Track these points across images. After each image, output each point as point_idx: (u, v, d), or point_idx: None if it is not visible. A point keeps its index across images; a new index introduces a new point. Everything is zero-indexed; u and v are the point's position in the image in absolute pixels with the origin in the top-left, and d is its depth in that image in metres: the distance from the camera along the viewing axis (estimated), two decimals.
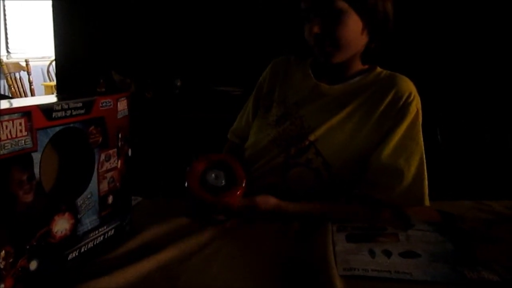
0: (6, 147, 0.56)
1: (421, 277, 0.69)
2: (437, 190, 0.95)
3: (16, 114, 0.58)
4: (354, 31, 0.95)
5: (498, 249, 0.79)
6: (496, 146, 1.86)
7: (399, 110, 0.95)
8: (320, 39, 0.95)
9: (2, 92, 4.67)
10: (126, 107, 0.80)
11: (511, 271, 0.69)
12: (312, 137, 0.98)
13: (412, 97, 0.96)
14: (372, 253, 0.76)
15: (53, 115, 0.64)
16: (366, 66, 1.04)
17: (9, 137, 0.57)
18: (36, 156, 0.61)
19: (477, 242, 0.81)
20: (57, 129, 0.64)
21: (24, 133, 0.59)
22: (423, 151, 0.95)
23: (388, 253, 0.77)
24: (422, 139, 0.96)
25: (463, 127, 1.90)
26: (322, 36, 0.94)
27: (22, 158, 0.59)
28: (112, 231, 0.79)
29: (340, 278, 0.68)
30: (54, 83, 4.33)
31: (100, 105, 0.73)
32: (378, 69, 1.04)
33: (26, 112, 0.59)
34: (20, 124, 0.58)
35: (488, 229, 0.88)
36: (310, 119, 1.01)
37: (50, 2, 2.71)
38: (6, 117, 0.56)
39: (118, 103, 0.77)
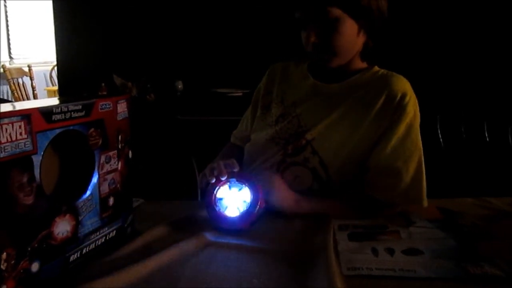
0: (6, 150, 0.57)
1: (425, 274, 0.68)
2: (438, 188, 0.95)
3: (15, 117, 0.58)
4: (350, 36, 0.94)
5: (499, 245, 0.78)
6: (496, 143, 1.85)
7: (395, 110, 0.94)
8: (317, 47, 0.95)
9: (6, 98, 4.68)
10: (126, 109, 0.80)
11: None
12: (309, 136, 0.98)
13: (408, 98, 0.94)
14: (375, 252, 0.76)
15: (53, 118, 0.64)
16: (365, 65, 1.03)
17: (9, 140, 0.57)
18: (36, 159, 0.61)
19: (478, 238, 0.81)
20: (57, 131, 0.65)
21: (24, 136, 0.59)
22: (422, 153, 0.95)
23: (391, 251, 0.76)
24: (420, 140, 0.95)
25: (464, 125, 1.89)
26: (319, 44, 0.94)
27: (22, 161, 0.59)
28: (114, 232, 0.79)
29: (341, 276, 0.67)
30: (57, 88, 4.33)
31: (100, 107, 0.73)
32: (376, 68, 1.03)
33: (25, 115, 0.59)
34: (20, 127, 0.58)
35: (489, 226, 0.87)
36: (307, 117, 1.01)
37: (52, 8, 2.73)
38: (6, 120, 0.57)
39: (118, 105, 0.78)
